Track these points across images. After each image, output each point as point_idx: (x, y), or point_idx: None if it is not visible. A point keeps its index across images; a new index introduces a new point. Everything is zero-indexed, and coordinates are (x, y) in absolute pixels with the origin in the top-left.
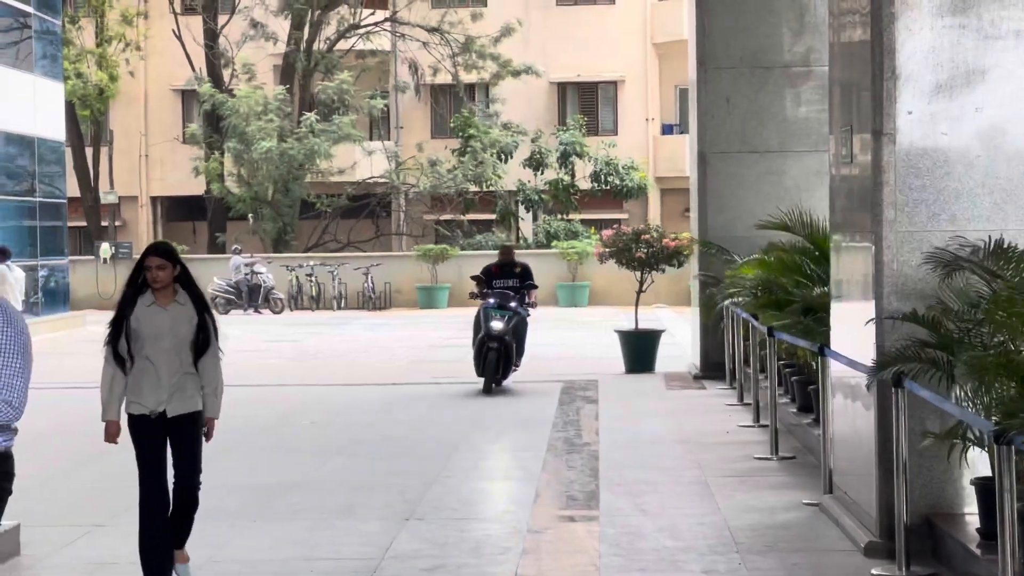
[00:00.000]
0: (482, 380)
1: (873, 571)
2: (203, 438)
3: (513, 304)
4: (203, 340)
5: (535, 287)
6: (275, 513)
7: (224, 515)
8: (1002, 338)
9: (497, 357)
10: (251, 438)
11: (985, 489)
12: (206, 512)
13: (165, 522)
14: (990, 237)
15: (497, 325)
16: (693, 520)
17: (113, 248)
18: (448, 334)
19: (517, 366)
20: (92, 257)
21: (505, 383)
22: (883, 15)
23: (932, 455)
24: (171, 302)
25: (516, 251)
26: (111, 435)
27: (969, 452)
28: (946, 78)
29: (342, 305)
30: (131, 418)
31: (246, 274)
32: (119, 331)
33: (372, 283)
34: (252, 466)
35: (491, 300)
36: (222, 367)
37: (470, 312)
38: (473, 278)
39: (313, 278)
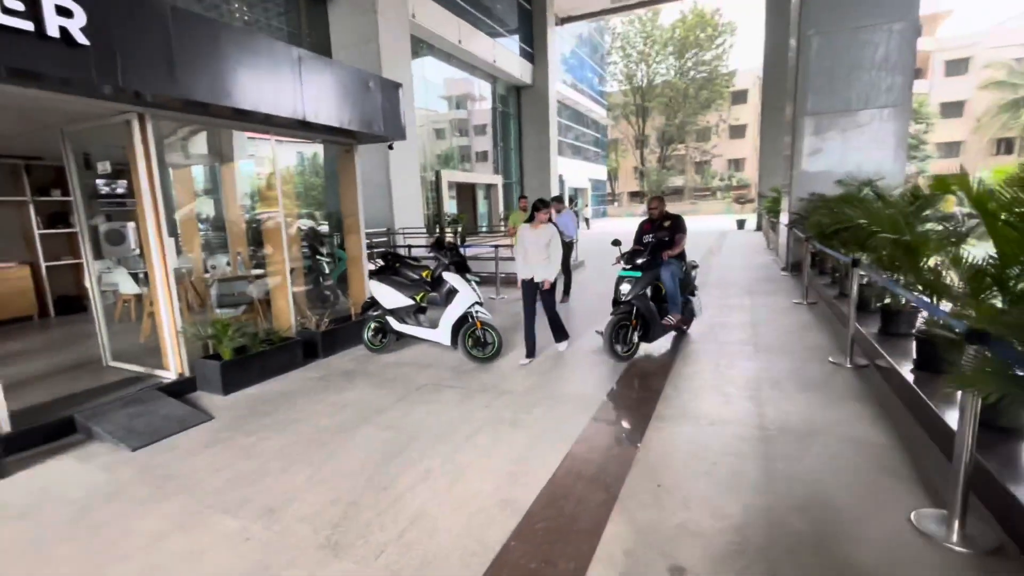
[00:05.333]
0: None
1: (781, 272)
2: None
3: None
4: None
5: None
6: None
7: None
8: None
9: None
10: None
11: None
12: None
13: None
14: (818, 194)
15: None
16: (749, 264)
17: None
18: None
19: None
20: None
21: None
22: (795, 134)
23: (796, 246)
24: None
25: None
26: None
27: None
28: (812, 150)
29: None
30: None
31: None
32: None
33: None
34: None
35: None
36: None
37: None
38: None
39: None
